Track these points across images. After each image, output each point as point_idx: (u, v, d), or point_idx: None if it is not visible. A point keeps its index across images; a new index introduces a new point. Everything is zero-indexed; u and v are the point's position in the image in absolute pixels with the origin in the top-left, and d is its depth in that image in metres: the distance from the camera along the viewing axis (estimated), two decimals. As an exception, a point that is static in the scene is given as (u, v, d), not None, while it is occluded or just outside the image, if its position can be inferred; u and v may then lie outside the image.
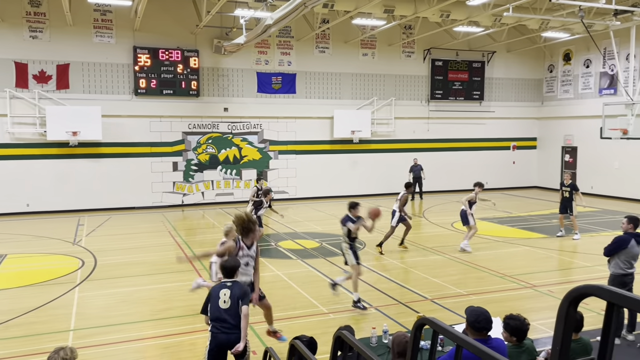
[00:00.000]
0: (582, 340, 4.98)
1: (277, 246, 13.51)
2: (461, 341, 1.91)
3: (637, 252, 7.24)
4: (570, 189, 14.14)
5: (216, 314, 5.31)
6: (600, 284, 1.43)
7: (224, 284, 5.45)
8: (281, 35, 21.27)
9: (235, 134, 21.16)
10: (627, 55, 19.03)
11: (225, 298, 5.29)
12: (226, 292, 5.33)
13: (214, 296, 5.38)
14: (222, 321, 5.26)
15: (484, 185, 13.66)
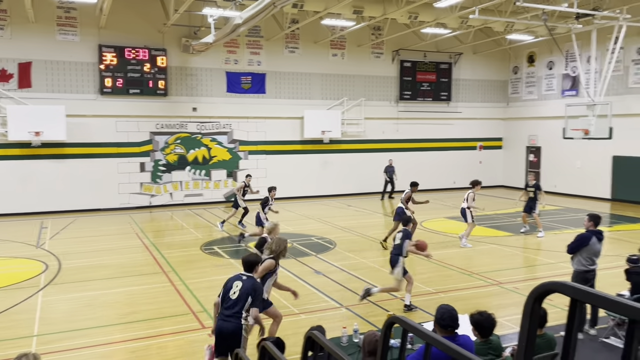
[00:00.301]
0: (546, 336, 5.11)
1: (247, 247, 13.41)
2: (429, 339, 1.93)
3: (599, 249, 7.48)
4: (535, 189, 14.66)
5: (223, 302, 5.57)
6: (564, 281, 1.47)
7: (240, 276, 5.70)
8: (250, 35, 21.15)
9: (204, 134, 20.92)
10: (588, 57, 19.63)
11: (236, 289, 5.53)
12: (239, 284, 5.57)
13: (228, 286, 5.64)
14: (226, 309, 5.50)
15: (481, 183, 14.24)
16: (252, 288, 5.52)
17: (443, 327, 4.32)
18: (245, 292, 5.47)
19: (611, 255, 11.56)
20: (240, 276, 5.69)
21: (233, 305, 5.47)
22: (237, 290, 5.51)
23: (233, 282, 5.62)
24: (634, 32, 19.32)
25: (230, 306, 5.48)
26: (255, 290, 5.55)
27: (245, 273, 5.72)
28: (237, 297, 5.47)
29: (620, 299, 1.32)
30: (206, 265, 11.52)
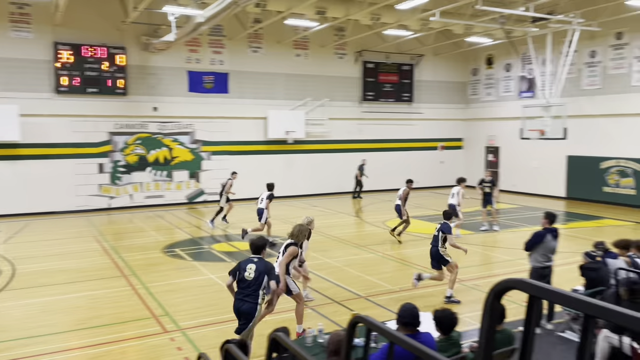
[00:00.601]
0: (505, 331, 5.24)
1: (210, 249, 13.25)
2: (392, 337, 1.95)
3: (554, 246, 7.73)
4: (491, 184, 15.38)
5: (240, 284, 6.14)
6: (522, 278, 1.51)
7: (251, 259, 6.25)
8: (213, 34, 20.90)
9: (165, 134, 20.55)
10: (543, 60, 20.27)
11: (251, 271, 6.10)
12: (252, 266, 6.14)
13: (242, 269, 6.17)
14: (243, 290, 6.09)
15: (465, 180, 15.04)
16: (266, 268, 6.15)
17: (405, 325, 4.38)
18: (260, 272, 6.07)
19: (566, 251, 11.96)
20: (252, 259, 6.26)
21: (250, 285, 6.06)
22: (252, 272, 6.08)
23: (246, 265, 6.17)
24: (587, 36, 20.08)
25: (247, 286, 6.07)
26: (269, 269, 6.18)
27: (255, 256, 6.31)
28: (253, 278, 6.05)
29: (575, 294, 1.36)
30: (168, 269, 11.32)
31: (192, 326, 7.84)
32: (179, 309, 8.63)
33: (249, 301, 6.05)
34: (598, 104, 20.64)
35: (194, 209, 20.27)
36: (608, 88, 20.51)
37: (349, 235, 14.78)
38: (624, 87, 19.94)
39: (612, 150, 20.31)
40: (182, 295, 9.37)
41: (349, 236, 14.61)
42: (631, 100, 19.54)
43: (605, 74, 20.58)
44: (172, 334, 7.58)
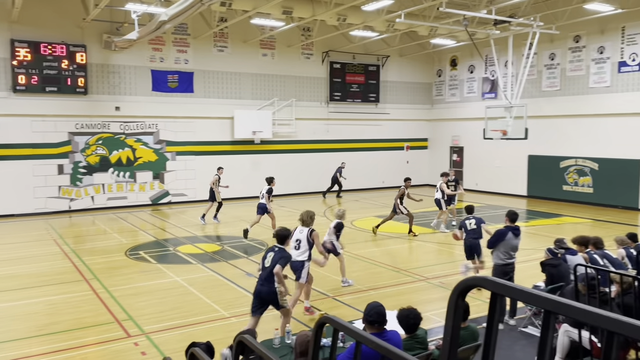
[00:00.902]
0: (470, 328, 5.32)
1: (175, 251, 13.04)
2: (359, 337, 1.95)
3: (516, 244, 7.92)
4: (455, 182, 16.19)
5: (261, 269, 6.87)
6: (485, 276, 1.52)
7: (273, 248, 6.95)
8: (177, 32, 20.58)
9: (128, 134, 20.11)
10: (505, 62, 20.77)
11: (269, 259, 6.78)
12: (271, 254, 6.83)
13: (265, 256, 6.91)
14: (262, 275, 6.79)
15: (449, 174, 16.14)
16: (280, 256, 6.76)
17: (371, 324, 4.41)
18: (275, 260, 6.67)
19: (528, 248, 12.27)
20: (274, 248, 6.94)
21: (268, 272, 6.69)
22: (270, 260, 6.75)
23: (267, 253, 6.89)
24: (546, 39, 20.68)
25: (265, 273, 6.72)
26: (282, 257, 6.76)
27: (277, 245, 6.96)
28: (270, 265, 6.70)
29: (535, 291, 1.38)
30: (132, 272, 11.07)
31: (156, 330, 7.69)
32: (143, 312, 8.45)
33: (266, 285, 6.70)
34: (557, 105, 21.28)
35: (159, 210, 19.91)
36: (566, 89, 21.17)
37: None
38: (581, 89, 20.61)
39: (571, 150, 20.96)
40: (146, 299, 9.18)
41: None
42: (588, 101, 20.22)
43: (564, 76, 21.23)
44: (136, 338, 7.42)
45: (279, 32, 21.10)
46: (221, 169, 17.44)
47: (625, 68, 19.13)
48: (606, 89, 19.76)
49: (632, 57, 18.89)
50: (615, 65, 19.44)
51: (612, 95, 19.51)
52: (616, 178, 19.42)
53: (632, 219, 17.42)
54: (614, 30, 19.33)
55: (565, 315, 1.33)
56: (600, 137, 19.94)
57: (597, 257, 7.58)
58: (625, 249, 8.18)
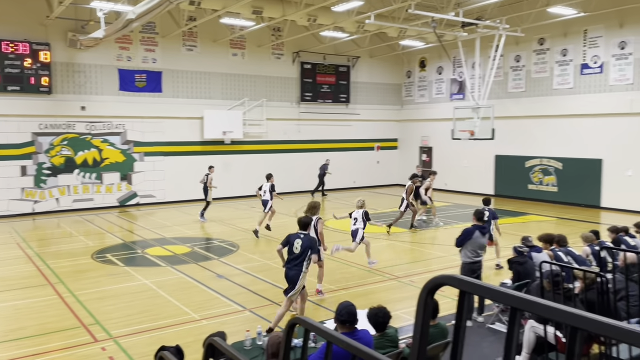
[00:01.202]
0: (439, 325, 5.40)
1: (144, 253, 12.82)
2: (329, 337, 1.95)
3: (483, 242, 8.07)
4: (421, 179, 16.88)
5: (290, 255, 7.31)
6: (453, 274, 1.55)
7: (298, 235, 7.41)
8: (145, 31, 20.25)
9: (94, 134, 19.67)
10: (473, 63, 21.14)
11: (298, 245, 7.26)
12: (299, 241, 7.29)
13: (290, 242, 7.36)
14: (291, 260, 7.26)
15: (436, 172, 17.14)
16: (310, 243, 7.33)
17: (342, 323, 4.43)
18: (305, 247, 7.23)
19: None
20: (299, 234, 7.41)
21: (297, 257, 7.22)
22: (299, 246, 7.23)
23: (294, 240, 7.34)
24: (512, 41, 21.14)
25: (294, 258, 7.23)
26: (312, 243, 7.38)
27: (301, 232, 7.50)
28: (300, 251, 7.20)
29: (501, 288, 1.41)
30: (99, 275, 10.83)
31: (124, 334, 7.55)
32: (111, 316, 8.28)
33: (296, 269, 7.22)
34: (523, 106, 21.79)
35: (126, 212, 19.55)
36: (531, 91, 21.69)
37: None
38: (546, 90, 21.15)
39: (536, 149, 21.49)
40: (113, 303, 9.00)
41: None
42: (553, 102, 20.76)
43: (529, 78, 21.75)
44: (103, 343, 7.26)
45: (249, 31, 20.98)
46: (212, 167, 17.58)
47: (587, 70, 19.72)
48: (569, 91, 20.33)
49: (593, 60, 19.49)
50: (578, 67, 20.02)
51: (575, 97, 20.08)
52: (579, 177, 20.00)
53: (595, 216, 17.97)
54: (577, 34, 19.91)
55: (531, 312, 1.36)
56: (563, 137, 20.50)
57: (562, 254, 7.79)
58: (590, 246, 8.43)
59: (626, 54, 18.48)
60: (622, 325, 1.15)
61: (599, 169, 19.42)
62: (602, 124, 19.22)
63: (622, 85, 18.66)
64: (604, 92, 19.21)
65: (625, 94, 18.50)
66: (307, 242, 7.31)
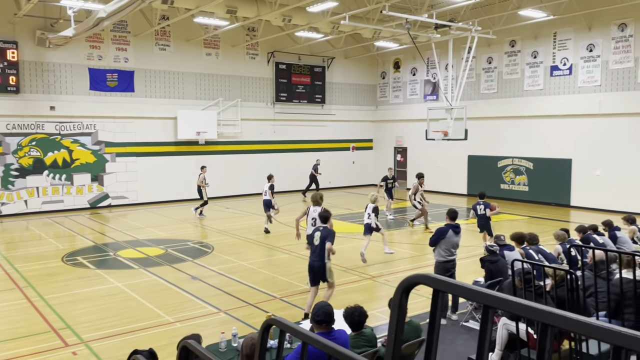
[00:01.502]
0: (412, 323, 5.44)
1: (116, 256, 12.60)
2: (305, 337, 1.94)
3: (456, 241, 8.16)
4: (393, 180, 18.08)
5: (311, 247, 7.96)
6: (427, 273, 1.56)
7: (318, 228, 8.02)
8: (116, 30, 19.90)
9: (64, 135, 19.25)
10: (446, 65, 21.40)
11: (317, 238, 7.84)
12: (318, 234, 7.88)
13: (311, 235, 8.06)
14: (313, 252, 7.91)
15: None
16: (327, 234, 7.83)
17: (318, 324, 4.42)
18: (323, 238, 7.76)
19: (468, 245, 12.70)
20: (319, 227, 8.02)
21: (317, 249, 7.81)
22: (318, 238, 7.80)
23: (314, 233, 7.94)
24: (484, 43, 21.49)
25: (315, 250, 7.84)
26: (329, 235, 7.85)
27: (321, 225, 8.10)
28: (319, 243, 7.77)
29: (475, 287, 1.43)
30: (69, 278, 10.60)
31: (96, 338, 7.40)
32: (82, 320, 8.11)
33: (318, 260, 7.81)
34: (495, 107, 22.16)
35: (98, 214, 19.18)
36: (503, 92, 22.08)
37: (263, 236, 14.70)
38: (517, 92, 21.56)
39: (508, 150, 21.88)
40: (85, 306, 8.82)
41: (263, 237, 14.53)
42: (523, 103, 21.17)
43: (501, 79, 22.13)
44: (74, 347, 7.11)
45: (223, 31, 20.82)
46: (204, 167, 18.12)
47: (557, 72, 20.17)
48: (539, 92, 20.76)
49: (563, 62, 19.94)
50: (548, 69, 20.46)
51: (545, 98, 20.52)
52: (549, 177, 20.43)
53: (564, 215, 18.38)
54: (547, 36, 20.35)
55: (503, 310, 1.38)
56: (534, 137, 20.92)
57: (533, 253, 7.94)
58: (562, 244, 8.60)
59: (594, 56, 18.97)
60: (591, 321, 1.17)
61: (568, 168, 19.88)
62: (571, 124, 19.68)
63: (591, 87, 19.14)
64: (573, 93, 19.68)
65: (594, 95, 18.98)
66: (325, 233, 7.85)
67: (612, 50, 18.42)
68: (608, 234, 9.41)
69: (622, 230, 9.86)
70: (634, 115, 17.89)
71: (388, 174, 18.28)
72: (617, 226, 9.79)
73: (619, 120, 18.31)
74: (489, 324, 1.48)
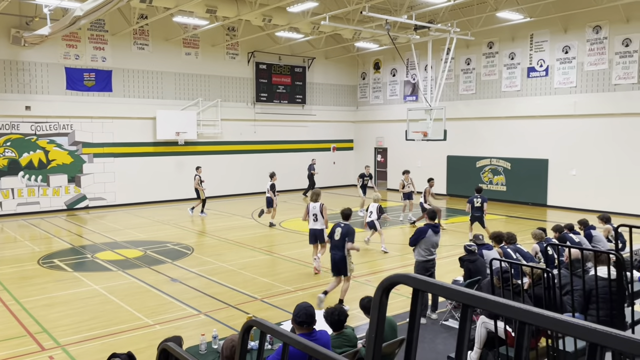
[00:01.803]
0: (387, 320, 5.47)
1: (94, 258, 12.41)
2: (286, 338, 1.94)
3: (436, 241, 8.23)
4: (369, 178, 18.79)
5: (332, 242, 8.61)
6: (407, 273, 1.57)
7: (339, 224, 8.62)
8: (93, 29, 19.61)
9: (40, 135, 18.89)
10: (425, 66, 21.58)
11: (338, 233, 8.47)
12: (339, 229, 8.49)
13: (332, 231, 8.62)
14: (334, 247, 8.55)
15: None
16: (347, 231, 8.41)
17: (300, 325, 4.42)
18: (344, 234, 8.40)
19: (448, 245, 12.83)
20: (340, 224, 8.59)
21: (337, 243, 8.45)
22: (338, 234, 8.44)
23: (335, 229, 8.54)
24: (463, 44, 21.73)
25: (335, 244, 8.49)
26: (349, 232, 8.42)
27: (342, 221, 8.66)
28: (339, 238, 8.42)
29: (453, 286, 1.44)
30: (46, 281, 10.41)
31: (73, 342, 7.28)
32: (59, 324, 7.97)
33: (339, 253, 8.43)
34: (473, 108, 22.42)
35: (75, 215, 18.87)
36: (481, 93, 22.35)
37: (244, 237, 14.63)
38: (495, 93, 21.84)
39: (486, 150, 22.15)
40: (62, 310, 8.67)
41: (243, 239, 14.46)
42: (501, 104, 21.46)
43: (479, 80, 22.40)
44: (51, 351, 6.98)
45: (203, 31, 20.67)
46: (199, 168, 18.41)
47: (534, 73, 20.49)
48: (517, 93, 21.07)
49: (539, 63, 20.27)
50: (525, 70, 20.77)
51: (522, 99, 20.83)
52: (526, 177, 20.74)
53: (541, 214, 18.68)
54: (524, 38, 20.66)
55: (482, 308, 1.40)
56: (512, 138, 21.22)
57: (511, 251, 8.05)
58: (539, 244, 8.74)
59: (570, 58, 19.32)
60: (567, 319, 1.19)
61: (545, 168, 20.21)
62: (547, 125, 20.02)
63: (566, 88, 19.49)
64: (549, 94, 20.02)
65: (569, 96, 19.33)
66: (345, 230, 8.42)
67: (587, 52, 18.79)
68: (584, 233, 9.59)
69: (597, 229, 10.06)
70: (608, 116, 18.28)
71: (365, 172, 18.92)
72: (592, 225, 9.99)
73: (594, 121, 18.68)
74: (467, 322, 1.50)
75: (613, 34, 18.05)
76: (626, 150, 17.84)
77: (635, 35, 17.50)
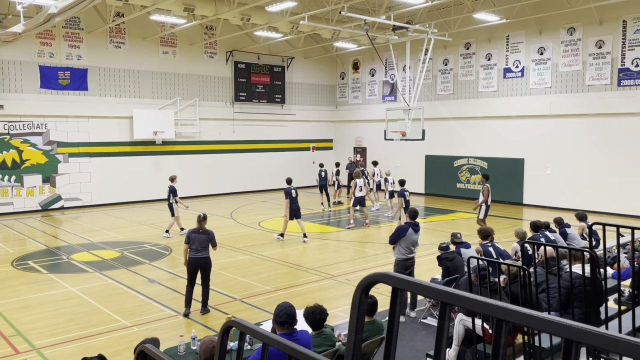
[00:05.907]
0: (376, 322, 5.51)
1: (69, 259, 12.19)
2: (265, 339, 1.93)
3: (415, 239, 8.31)
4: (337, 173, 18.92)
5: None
6: (386, 272, 1.58)
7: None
8: (68, 26, 19.26)
9: (13, 134, 18.48)
10: (404, 66, 21.72)
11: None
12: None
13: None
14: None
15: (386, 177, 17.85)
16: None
17: (280, 325, 4.41)
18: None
19: (427, 243, 12.95)
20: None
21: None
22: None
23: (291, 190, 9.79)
24: (440, 45, 21.93)
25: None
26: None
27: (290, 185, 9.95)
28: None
29: (432, 284, 1.46)
30: (20, 283, 10.19)
31: (48, 345, 7.15)
32: (34, 326, 7.82)
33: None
34: (451, 108, 22.65)
35: (50, 216, 18.52)
36: (459, 93, 22.60)
37: (223, 237, 14.52)
38: (472, 93, 22.11)
39: (463, 150, 22.41)
40: (36, 312, 8.50)
41: (223, 239, 14.35)
42: (478, 104, 21.74)
43: (457, 81, 22.65)
44: (26, 355, 6.84)
45: (181, 29, 20.46)
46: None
47: (510, 74, 20.80)
48: (493, 93, 21.36)
49: (515, 64, 20.58)
50: (501, 71, 21.07)
51: (499, 99, 21.13)
52: (503, 176, 21.03)
53: (518, 213, 18.97)
54: (500, 39, 20.95)
55: (460, 306, 1.41)
56: (488, 138, 21.50)
57: (491, 250, 8.15)
58: (520, 242, 8.85)
59: (545, 59, 19.66)
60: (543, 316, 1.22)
61: (521, 168, 20.53)
62: (523, 125, 20.34)
63: (542, 88, 19.83)
64: (525, 95, 20.34)
65: (545, 97, 19.67)
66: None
67: (561, 53, 19.14)
68: (559, 231, 9.77)
69: (572, 227, 10.25)
70: (582, 117, 18.65)
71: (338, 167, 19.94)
72: (567, 223, 10.18)
73: (568, 121, 19.05)
74: (446, 320, 1.51)
75: (587, 36, 18.43)
76: (600, 150, 18.23)
77: (608, 37, 17.90)
